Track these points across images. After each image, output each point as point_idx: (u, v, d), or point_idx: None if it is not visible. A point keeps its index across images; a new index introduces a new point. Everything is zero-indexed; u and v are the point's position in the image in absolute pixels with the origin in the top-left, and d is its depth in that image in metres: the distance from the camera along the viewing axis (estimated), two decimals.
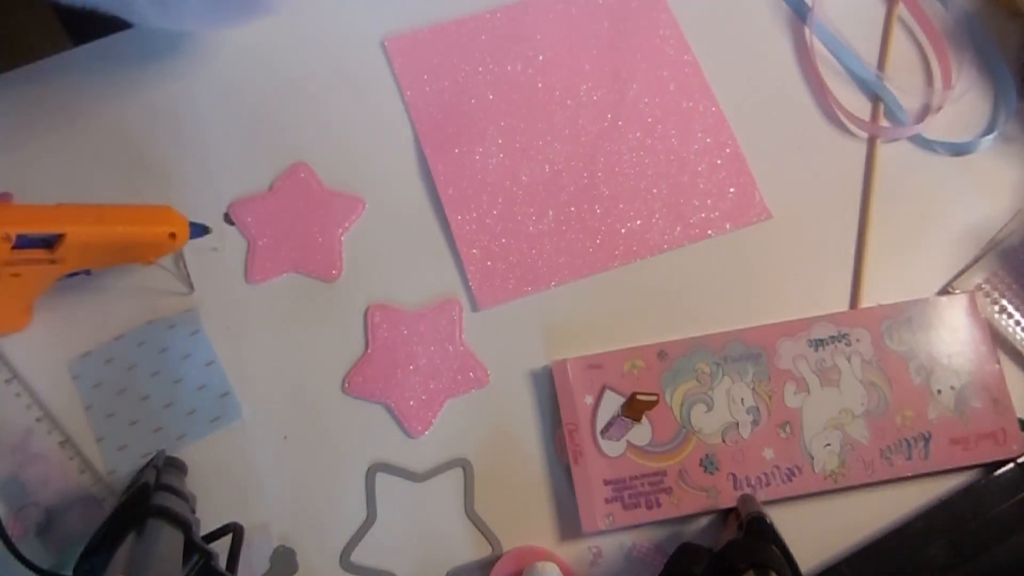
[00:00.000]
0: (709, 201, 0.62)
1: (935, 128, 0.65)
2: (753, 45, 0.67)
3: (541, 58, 0.64)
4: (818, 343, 0.57)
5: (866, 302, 0.60)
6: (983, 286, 0.61)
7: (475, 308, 0.58)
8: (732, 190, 0.62)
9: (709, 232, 0.61)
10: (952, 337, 0.58)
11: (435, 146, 0.61)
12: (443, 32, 0.64)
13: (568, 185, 0.61)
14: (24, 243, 0.47)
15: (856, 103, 0.65)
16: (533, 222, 0.60)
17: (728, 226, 0.61)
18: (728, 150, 0.63)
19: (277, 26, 0.61)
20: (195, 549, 0.45)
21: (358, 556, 0.53)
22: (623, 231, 0.61)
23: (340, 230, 0.59)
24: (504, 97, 0.63)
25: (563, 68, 0.64)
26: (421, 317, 0.57)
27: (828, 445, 0.55)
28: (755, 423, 0.56)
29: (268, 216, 0.59)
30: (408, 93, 0.62)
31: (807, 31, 0.66)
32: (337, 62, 0.63)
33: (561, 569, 0.51)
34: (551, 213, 0.60)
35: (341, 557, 0.53)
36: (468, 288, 0.58)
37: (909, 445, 0.56)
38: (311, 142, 0.61)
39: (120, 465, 0.53)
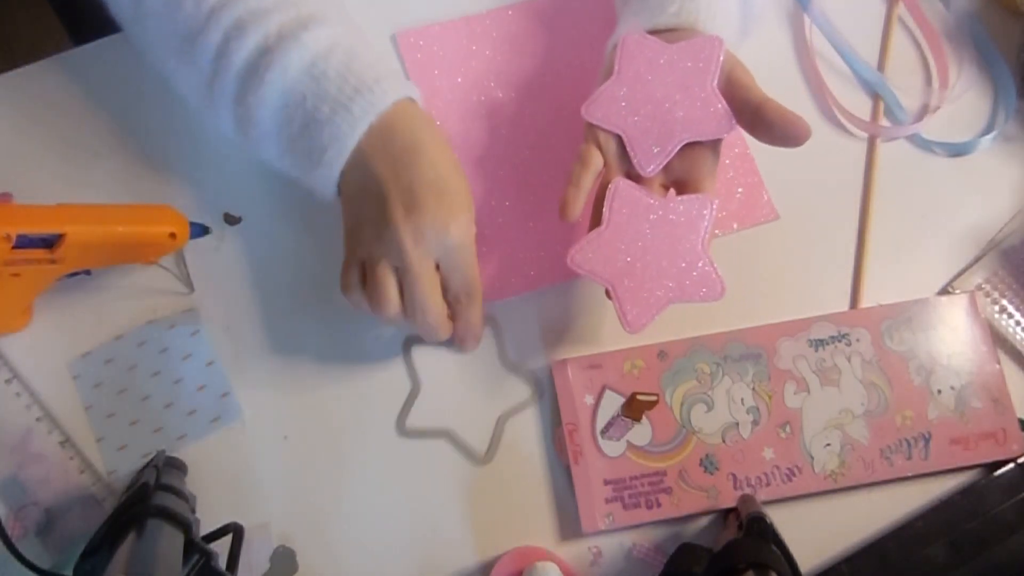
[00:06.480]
0: (717, 201, 0.61)
1: (935, 128, 0.65)
2: (752, 44, 0.66)
3: (552, 56, 0.64)
4: (818, 343, 0.57)
5: (866, 302, 0.60)
6: (983, 286, 0.61)
7: None
8: (740, 190, 0.62)
9: (716, 232, 0.61)
10: (952, 337, 0.58)
11: None
12: (455, 27, 0.64)
13: None
14: (24, 243, 0.47)
15: (856, 103, 0.65)
16: (539, 220, 0.60)
17: (735, 226, 0.61)
18: (736, 150, 0.63)
19: None
20: (195, 549, 0.45)
21: (358, 555, 0.53)
22: None
23: None
24: (513, 95, 0.63)
25: (574, 67, 0.64)
26: None
27: (828, 445, 0.55)
28: (755, 423, 0.56)
29: None
30: (418, 87, 0.62)
31: (807, 29, 0.66)
32: None
33: (561, 569, 0.51)
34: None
35: (341, 557, 0.53)
36: None
37: (909, 445, 0.56)
38: None
39: (120, 465, 0.53)
